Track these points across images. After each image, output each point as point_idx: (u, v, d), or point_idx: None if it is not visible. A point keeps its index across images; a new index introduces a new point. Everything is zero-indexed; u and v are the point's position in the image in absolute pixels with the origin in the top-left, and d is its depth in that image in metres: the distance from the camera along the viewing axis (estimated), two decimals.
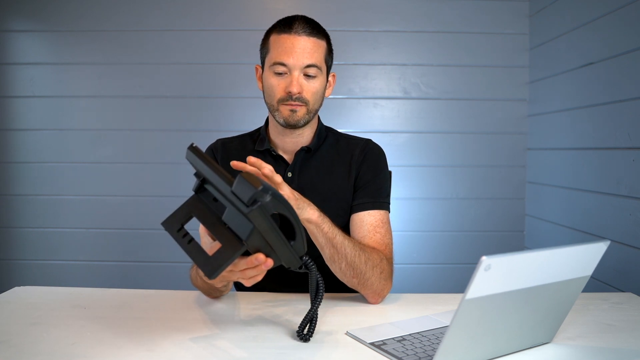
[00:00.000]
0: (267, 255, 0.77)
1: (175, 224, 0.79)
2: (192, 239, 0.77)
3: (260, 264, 0.76)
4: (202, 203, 0.80)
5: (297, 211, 0.94)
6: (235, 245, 0.74)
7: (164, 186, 2.20)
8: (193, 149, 0.77)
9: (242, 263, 0.78)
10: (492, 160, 2.21)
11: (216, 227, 0.76)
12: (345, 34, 2.18)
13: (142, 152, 2.20)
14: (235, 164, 0.88)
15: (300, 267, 0.85)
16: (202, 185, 0.80)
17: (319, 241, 1.01)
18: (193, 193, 0.82)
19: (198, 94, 2.19)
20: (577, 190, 1.79)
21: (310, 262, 0.85)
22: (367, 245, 1.08)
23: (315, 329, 0.91)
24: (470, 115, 2.20)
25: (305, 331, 0.88)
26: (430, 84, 2.20)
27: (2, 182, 2.20)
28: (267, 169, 0.89)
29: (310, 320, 0.88)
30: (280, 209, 0.75)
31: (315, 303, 0.87)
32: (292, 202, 0.92)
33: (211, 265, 0.73)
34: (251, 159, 0.88)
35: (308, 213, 0.96)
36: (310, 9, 2.16)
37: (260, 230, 0.73)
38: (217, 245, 0.76)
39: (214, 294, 1.10)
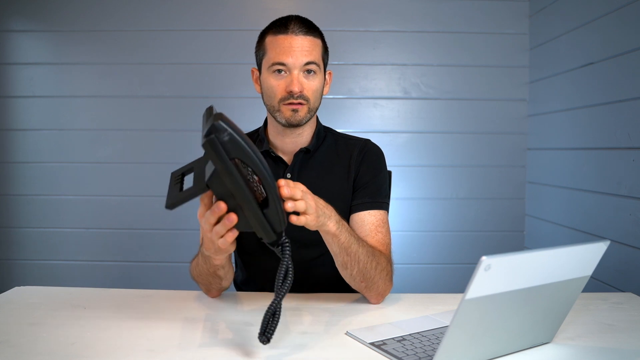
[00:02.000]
0: (234, 211, 0.76)
1: (178, 173, 0.82)
2: (181, 185, 0.79)
3: (221, 212, 0.76)
4: (206, 161, 0.81)
5: (316, 228, 0.93)
6: (200, 185, 0.75)
7: (163, 186, 2.17)
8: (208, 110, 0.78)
9: (208, 213, 0.78)
10: (492, 160, 2.21)
11: (199, 174, 0.78)
12: (345, 34, 2.18)
13: (141, 152, 2.20)
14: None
15: (275, 245, 0.81)
16: None
17: (334, 249, 1.00)
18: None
19: (198, 94, 2.19)
20: (577, 190, 1.79)
21: (286, 245, 0.80)
22: (374, 247, 1.08)
23: (315, 330, 0.91)
24: (470, 115, 2.20)
25: (265, 331, 0.78)
26: (430, 84, 2.20)
27: (2, 182, 2.20)
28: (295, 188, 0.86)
29: (273, 314, 0.79)
30: (242, 157, 0.71)
31: (279, 294, 0.78)
32: (313, 225, 0.89)
33: (174, 199, 0.75)
34: (282, 190, 0.83)
35: (326, 227, 0.94)
36: (310, 9, 2.16)
37: (220, 174, 0.71)
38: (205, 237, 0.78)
39: (213, 284, 1.08)
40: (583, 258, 0.78)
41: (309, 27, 1.12)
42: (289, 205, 0.84)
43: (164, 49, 2.18)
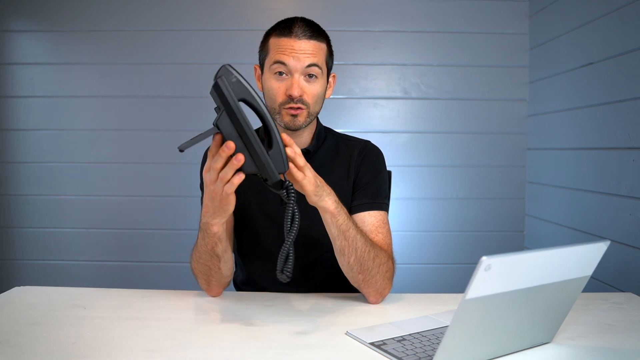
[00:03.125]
0: (241, 152, 0.82)
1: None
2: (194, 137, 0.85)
3: (230, 152, 0.82)
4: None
5: (314, 198, 0.95)
6: (210, 129, 0.82)
7: (164, 186, 2.20)
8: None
9: (216, 156, 0.84)
10: (492, 160, 2.21)
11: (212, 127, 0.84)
12: (345, 34, 2.18)
13: (142, 152, 2.20)
14: (284, 137, 0.89)
15: (280, 188, 0.87)
16: None
17: (332, 232, 1.00)
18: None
19: (198, 94, 2.19)
20: (577, 190, 1.79)
21: (291, 188, 0.87)
22: (375, 242, 1.08)
23: (315, 330, 0.91)
24: (470, 115, 2.20)
25: (283, 269, 0.87)
26: (430, 84, 2.20)
27: (2, 182, 2.20)
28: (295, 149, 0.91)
29: (286, 256, 0.87)
30: (248, 97, 0.82)
31: (289, 236, 0.86)
32: (312, 188, 0.92)
33: (186, 142, 0.83)
34: (284, 136, 0.89)
35: (325, 202, 0.96)
36: (310, 9, 2.16)
37: (228, 113, 0.80)
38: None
39: (213, 270, 1.05)
40: (583, 258, 0.78)
41: (313, 31, 1.11)
42: (290, 150, 0.89)
43: (164, 49, 2.18)
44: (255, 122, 0.85)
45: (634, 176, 1.48)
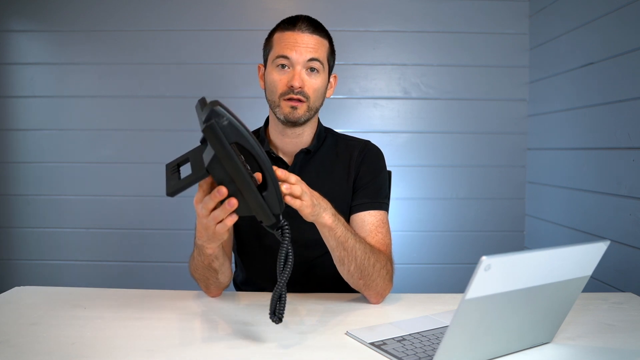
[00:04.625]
0: (234, 196, 0.78)
1: (173, 164, 0.83)
2: (178, 175, 0.81)
3: (222, 197, 0.77)
4: (201, 150, 0.82)
5: (311, 218, 0.93)
6: (200, 171, 0.77)
7: (163, 186, 2.18)
8: (200, 101, 0.82)
9: (207, 198, 0.79)
10: (492, 160, 2.21)
11: (196, 162, 0.79)
12: (345, 34, 2.18)
13: (142, 152, 2.20)
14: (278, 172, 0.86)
15: (275, 229, 0.82)
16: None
17: (330, 244, 1.00)
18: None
19: (198, 94, 2.17)
20: (577, 190, 1.79)
21: (286, 228, 0.82)
22: (374, 246, 1.08)
23: (315, 330, 0.91)
24: (470, 115, 2.20)
25: (275, 311, 0.83)
26: (430, 84, 2.20)
27: (2, 182, 2.20)
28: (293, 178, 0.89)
29: (279, 297, 0.83)
30: (241, 140, 0.75)
31: (282, 277, 0.82)
32: (309, 211, 0.91)
33: (175, 186, 0.77)
34: (278, 172, 0.85)
35: (322, 218, 0.95)
36: (310, 9, 2.15)
37: (220, 158, 0.74)
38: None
39: (211, 279, 1.06)
40: (583, 258, 0.78)
41: (316, 27, 1.13)
42: (285, 187, 0.86)
43: (164, 49, 2.18)
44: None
45: (634, 176, 1.48)
